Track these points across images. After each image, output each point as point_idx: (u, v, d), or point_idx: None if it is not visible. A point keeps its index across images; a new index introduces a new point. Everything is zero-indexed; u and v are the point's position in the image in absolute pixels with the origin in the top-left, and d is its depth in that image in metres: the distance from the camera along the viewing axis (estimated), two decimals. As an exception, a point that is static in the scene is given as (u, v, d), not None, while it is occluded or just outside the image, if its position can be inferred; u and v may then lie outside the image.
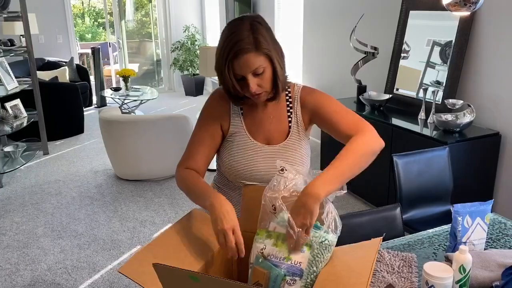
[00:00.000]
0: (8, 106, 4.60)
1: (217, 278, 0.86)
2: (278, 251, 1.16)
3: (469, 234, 1.52)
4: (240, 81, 1.33)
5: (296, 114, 1.47)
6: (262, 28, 1.31)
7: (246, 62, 1.28)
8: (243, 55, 1.27)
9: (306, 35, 5.10)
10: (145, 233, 3.30)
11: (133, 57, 8.80)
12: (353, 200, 3.73)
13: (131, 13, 8.78)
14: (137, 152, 4.09)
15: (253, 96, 1.36)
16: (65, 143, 5.48)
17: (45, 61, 6.83)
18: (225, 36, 1.30)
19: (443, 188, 2.53)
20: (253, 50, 1.28)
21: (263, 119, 1.47)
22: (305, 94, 1.48)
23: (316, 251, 1.15)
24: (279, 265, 1.14)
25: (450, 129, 2.90)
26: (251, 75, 1.31)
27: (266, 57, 1.30)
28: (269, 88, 1.36)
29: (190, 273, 0.88)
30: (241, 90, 1.36)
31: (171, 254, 1.18)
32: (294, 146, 1.47)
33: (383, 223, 1.82)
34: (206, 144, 1.44)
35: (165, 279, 0.95)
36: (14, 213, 3.65)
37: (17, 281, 2.75)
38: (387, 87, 3.75)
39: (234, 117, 1.47)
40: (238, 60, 1.28)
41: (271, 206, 1.19)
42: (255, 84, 1.32)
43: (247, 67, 1.29)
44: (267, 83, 1.34)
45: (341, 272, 1.12)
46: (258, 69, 1.30)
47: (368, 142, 1.31)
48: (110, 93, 6.29)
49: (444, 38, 3.26)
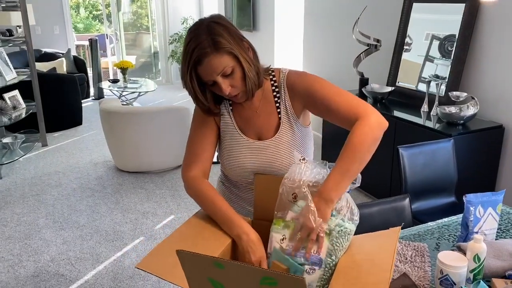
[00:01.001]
0: (6, 97, 4.55)
1: (242, 264, 0.86)
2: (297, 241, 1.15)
3: (481, 224, 1.52)
4: (213, 86, 1.28)
5: (285, 103, 1.39)
6: (219, 28, 1.23)
7: (210, 65, 1.22)
8: (205, 59, 1.21)
9: (307, 26, 5.09)
10: (147, 224, 3.29)
11: (130, 49, 8.74)
12: (355, 193, 3.74)
13: (128, 5, 8.71)
14: (138, 144, 4.07)
15: (230, 98, 1.32)
16: (63, 135, 5.44)
17: (42, 52, 6.76)
18: (185, 43, 1.25)
19: (448, 180, 2.54)
20: (214, 52, 1.21)
21: (251, 114, 1.41)
22: (292, 80, 1.38)
23: (335, 240, 1.15)
24: (298, 255, 1.14)
25: (454, 121, 2.91)
26: (220, 78, 1.25)
27: (231, 56, 1.23)
28: (243, 87, 1.29)
29: (215, 259, 0.88)
30: (218, 93, 1.31)
31: (189, 246, 1.17)
32: (287, 138, 1.39)
33: (393, 214, 1.83)
34: (206, 140, 1.40)
35: (188, 267, 0.94)
36: (15, 204, 3.63)
37: (20, 272, 2.73)
38: (389, 80, 3.75)
39: (223, 114, 1.42)
40: (201, 65, 1.23)
41: (291, 194, 1.19)
42: (228, 85, 1.26)
43: (213, 70, 1.23)
44: (240, 82, 1.28)
45: (362, 261, 1.12)
46: (225, 70, 1.23)
47: (371, 131, 1.22)
48: (108, 85, 6.24)
49: (443, 32, 3.26)
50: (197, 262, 0.91)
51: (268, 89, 1.41)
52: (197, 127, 1.42)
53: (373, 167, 3.45)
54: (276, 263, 1.17)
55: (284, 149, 1.38)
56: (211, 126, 1.42)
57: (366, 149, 1.21)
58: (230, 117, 1.42)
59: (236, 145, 1.40)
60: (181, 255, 0.92)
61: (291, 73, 1.41)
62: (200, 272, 0.92)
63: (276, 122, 1.39)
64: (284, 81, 1.39)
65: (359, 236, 1.23)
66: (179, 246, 1.16)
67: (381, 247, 1.15)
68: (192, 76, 1.25)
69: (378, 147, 1.27)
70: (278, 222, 1.21)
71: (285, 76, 1.40)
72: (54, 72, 6.02)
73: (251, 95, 1.33)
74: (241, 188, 1.47)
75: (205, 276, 0.91)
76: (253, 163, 1.39)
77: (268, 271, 0.83)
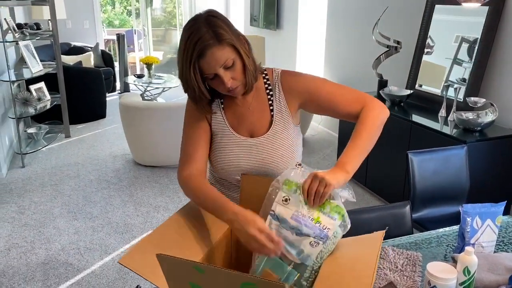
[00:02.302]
0: (32, 88, 4.70)
1: (222, 269, 0.84)
2: (307, 210, 1.15)
3: (478, 235, 1.47)
4: (213, 80, 1.28)
5: (279, 101, 1.40)
6: (218, 21, 1.24)
7: (213, 57, 1.22)
8: (207, 51, 1.21)
9: (329, 26, 5.03)
10: (158, 218, 3.33)
11: (158, 44, 8.86)
12: (368, 196, 3.68)
13: (159, 2, 8.83)
14: (155, 139, 4.12)
15: (229, 91, 1.30)
16: (86, 127, 5.57)
17: (71, 45, 6.94)
18: (185, 39, 1.24)
19: (459, 188, 2.46)
20: (216, 44, 1.22)
21: (244, 111, 1.41)
22: (288, 79, 1.40)
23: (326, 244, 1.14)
24: (307, 226, 1.13)
25: (471, 127, 2.82)
26: (222, 70, 1.25)
27: (231, 48, 1.24)
28: (244, 80, 1.30)
29: (194, 264, 0.87)
30: (217, 89, 1.31)
31: (172, 245, 1.17)
32: (279, 136, 1.39)
33: (391, 220, 1.78)
34: (201, 140, 1.39)
35: (168, 270, 0.93)
36: (34, 193, 3.74)
37: (32, 259, 2.82)
38: (408, 83, 3.67)
39: (215, 112, 1.42)
40: (204, 58, 1.22)
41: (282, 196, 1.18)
42: (229, 78, 1.26)
43: (216, 62, 1.23)
44: (240, 75, 1.29)
45: (345, 266, 1.11)
46: (227, 62, 1.24)
47: (378, 115, 1.32)
48: (133, 80, 6.35)
49: (471, 35, 3.16)
50: (177, 266, 0.90)
51: (261, 87, 1.42)
52: (190, 128, 1.42)
53: (386, 171, 3.41)
54: (268, 271, 1.16)
55: (277, 146, 1.39)
56: (203, 127, 1.41)
57: (377, 129, 1.30)
58: (222, 115, 1.42)
59: (228, 143, 1.40)
60: (161, 259, 0.91)
61: (286, 72, 1.43)
62: (180, 276, 0.91)
63: (269, 120, 1.41)
64: (278, 80, 1.41)
65: (343, 240, 1.21)
66: (162, 244, 1.16)
67: (364, 252, 1.13)
68: (195, 70, 1.25)
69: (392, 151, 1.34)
70: (290, 184, 1.18)
71: (278, 75, 1.42)
72: (80, 65, 6.17)
73: (250, 88, 1.34)
74: (231, 187, 1.46)
75: (186, 280, 0.90)
76: (245, 161, 1.38)
77: (248, 277, 0.82)
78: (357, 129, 1.29)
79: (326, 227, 1.14)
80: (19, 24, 4.81)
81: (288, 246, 1.13)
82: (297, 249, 1.13)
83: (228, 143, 1.40)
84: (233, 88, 1.29)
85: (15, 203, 3.55)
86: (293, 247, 1.13)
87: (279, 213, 1.16)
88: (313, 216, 1.14)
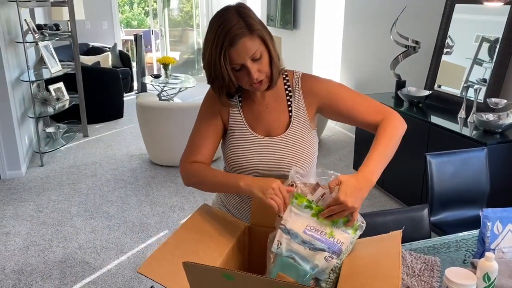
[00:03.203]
0: (51, 88, 4.76)
1: (252, 275, 0.82)
2: (319, 224, 1.14)
3: (498, 240, 1.43)
4: (239, 71, 1.27)
5: (298, 103, 1.39)
6: (250, 12, 1.25)
7: (244, 47, 1.22)
8: (239, 40, 1.21)
9: (346, 26, 4.99)
10: (173, 218, 3.35)
11: (175, 45, 8.91)
12: (385, 199, 3.63)
13: (176, 2, 8.88)
14: (172, 138, 4.14)
15: (254, 85, 1.29)
16: (104, 127, 5.63)
17: (90, 46, 7.03)
18: (215, 28, 1.23)
19: (479, 191, 2.41)
20: (248, 34, 1.21)
21: (262, 110, 1.39)
22: (308, 82, 1.40)
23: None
24: (321, 240, 1.12)
25: (491, 129, 2.75)
26: (250, 61, 1.24)
27: (260, 40, 1.25)
28: (269, 73, 1.29)
29: (223, 271, 0.85)
30: (240, 82, 1.29)
31: (189, 251, 1.16)
32: (296, 137, 1.38)
33: (409, 224, 1.75)
34: (209, 136, 1.39)
35: (194, 278, 0.91)
36: (52, 191, 3.79)
37: (49, 257, 2.85)
38: (427, 83, 3.61)
39: (233, 110, 1.40)
40: (235, 47, 1.21)
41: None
42: (256, 70, 1.25)
43: (246, 52, 1.22)
44: (267, 68, 1.28)
45: (367, 266, 1.08)
46: (256, 53, 1.24)
47: (399, 127, 1.33)
48: (150, 80, 6.40)
49: (493, 34, 3.09)
50: (204, 274, 0.88)
51: (280, 87, 1.41)
52: (202, 123, 1.41)
53: (404, 173, 3.36)
54: (282, 275, 1.14)
55: (293, 147, 1.37)
56: (216, 123, 1.40)
57: (397, 139, 1.31)
58: (240, 113, 1.41)
59: (245, 141, 1.39)
60: (187, 267, 0.89)
61: (307, 75, 1.43)
62: (208, 283, 0.89)
63: (287, 120, 1.39)
64: (299, 82, 1.40)
65: (361, 240, 1.19)
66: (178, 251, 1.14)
67: (385, 251, 1.11)
68: (226, 59, 1.23)
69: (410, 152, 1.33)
70: (301, 199, 1.16)
71: (299, 77, 1.42)
72: (98, 65, 6.24)
73: (274, 83, 1.33)
74: None
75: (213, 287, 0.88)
76: (260, 159, 1.37)
77: (279, 281, 0.81)
78: (378, 137, 1.29)
79: (340, 241, 1.12)
80: (39, 25, 4.89)
81: (300, 261, 1.11)
82: (311, 264, 1.11)
83: (244, 141, 1.39)
84: (258, 80, 1.28)
85: (34, 202, 3.60)
86: (307, 262, 1.11)
87: (291, 227, 1.14)
88: (326, 231, 1.13)
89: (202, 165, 1.36)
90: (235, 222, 1.33)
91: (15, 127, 4.00)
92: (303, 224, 1.14)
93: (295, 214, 1.15)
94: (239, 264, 1.29)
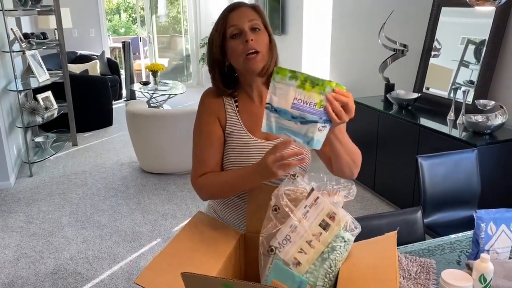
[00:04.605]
0: (39, 97, 4.72)
1: (252, 284, 0.81)
2: (307, 96, 1.07)
3: (492, 241, 1.44)
4: (235, 38, 1.28)
5: None
6: (259, 6, 1.35)
7: (244, 12, 1.29)
8: (241, 7, 1.30)
9: (334, 31, 5.02)
10: (166, 226, 3.32)
11: (164, 51, 8.89)
12: (377, 201, 3.65)
13: (163, 9, 8.87)
14: (162, 146, 4.12)
15: (248, 55, 1.28)
16: (93, 135, 5.59)
17: (78, 54, 6.98)
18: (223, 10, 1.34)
19: (470, 192, 2.43)
20: (251, 8, 1.31)
21: (259, 112, 1.35)
22: None
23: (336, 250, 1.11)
24: (311, 112, 1.07)
25: (480, 130, 2.79)
26: (248, 28, 1.28)
27: (262, 21, 1.31)
28: (265, 51, 1.30)
29: (223, 281, 0.84)
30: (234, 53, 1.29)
31: (186, 261, 1.14)
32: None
33: (403, 227, 1.76)
34: (213, 146, 1.37)
35: None
36: (42, 202, 3.74)
37: (40, 268, 2.81)
38: (416, 86, 3.65)
39: (230, 114, 1.39)
40: (236, 11, 1.29)
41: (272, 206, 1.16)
42: (253, 37, 1.27)
43: (245, 16, 1.29)
44: (263, 45, 1.30)
45: (365, 270, 1.08)
46: (255, 22, 1.29)
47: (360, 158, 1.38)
48: (139, 87, 6.37)
49: (479, 36, 3.13)
50: (204, 284, 0.87)
51: None
52: (203, 135, 1.39)
53: (395, 175, 3.38)
54: (277, 283, 1.13)
55: None
56: (216, 132, 1.38)
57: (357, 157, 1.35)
58: (237, 117, 1.39)
59: (244, 146, 1.37)
60: (186, 277, 0.88)
61: None
62: None
63: None
64: None
65: (356, 244, 1.19)
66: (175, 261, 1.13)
67: (382, 254, 1.11)
68: (225, 20, 1.29)
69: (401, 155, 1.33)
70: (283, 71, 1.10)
71: None
72: (86, 74, 6.20)
73: (268, 69, 1.33)
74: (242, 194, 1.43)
75: None
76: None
77: None
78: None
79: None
80: (25, 34, 4.84)
81: (293, 136, 1.09)
82: (304, 137, 1.08)
83: (243, 146, 1.37)
84: (253, 49, 1.27)
85: (24, 213, 3.55)
86: (300, 136, 1.08)
87: (278, 105, 1.09)
88: (315, 101, 1.07)
89: (209, 175, 1.35)
90: (231, 230, 1.32)
91: (3, 137, 3.95)
92: (290, 98, 1.08)
93: (279, 90, 1.10)
94: (236, 272, 1.28)
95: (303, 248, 1.12)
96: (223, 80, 1.37)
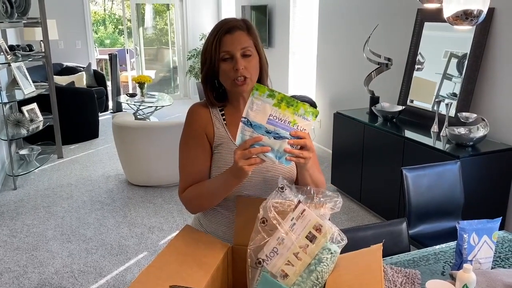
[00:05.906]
0: (24, 109, 4.68)
1: None
2: (282, 114, 1.17)
3: (475, 252, 1.47)
4: (226, 61, 1.32)
5: None
6: (251, 23, 1.37)
7: (238, 38, 1.31)
8: (236, 31, 1.31)
9: (320, 44, 5.09)
10: (152, 239, 3.30)
11: (151, 63, 8.90)
12: (363, 213, 3.68)
13: (150, 21, 8.89)
14: (149, 158, 4.11)
15: (237, 81, 1.31)
16: (79, 147, 5.54)
17: (64, 66, 6.95)
18: (216, 25, 1.36)
19: (454, 203, 2.47)
20: (245, 31, 1.32)
21: None
22: None
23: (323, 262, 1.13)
24: (285, 129, 1.16)
25: (463, 143, 2.84)
26: (239, 54, 1.30)
27: (254, 44, 1.34)
28: (254, 75, 1.34)
29: None
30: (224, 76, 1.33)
31: (174, 275, 1.15)
32: None
33: (388, 238, 1.78)
34: (199, 158, 1.39)
35: None
36: (26, 215, 3.69)
37: (24, 283, 2.77)
38: (400, 99, 3.71)
39: (217, 127, 1.40)
40: (230, 34, 1.31)
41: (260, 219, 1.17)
42: (243, 64, 1.30)
43: (238, 43, 1.30)
44: (253, 70, 1.33)
45: (351, 281, 1.10)
46: (247, 49, 1.31)
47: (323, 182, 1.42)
48: (125, 99, 6.35)
49: (461, 50, 3.21)
50: None
51: None
52: (190, 149, 1.40)
53: (381, 187, 3.42)
54: None
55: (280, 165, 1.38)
56: (203, 145, 1.39)
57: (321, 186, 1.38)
58: (225, 129, 1.41)
59: (230, 157, 1.37)
60: None
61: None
62: None
63: None
64: None
65: (342, 256, 1.21)
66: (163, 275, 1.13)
67: (367, 266, 1.13)
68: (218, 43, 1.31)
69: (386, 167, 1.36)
70: (262, 88, 1.18)
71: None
72: (72, 85, 6.17)
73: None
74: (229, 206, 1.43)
75: None
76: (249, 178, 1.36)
77: None
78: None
79: (303, 128, 1.18)
80: (11, 45, 4.82)
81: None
82: (276, 152, 1.16)
83: (231, 159, 1.38)
84: (242, 75, 1.31)
85: (7, 226, 3.50)
86: (272, 151, 1.16)
87: (253, 119, 1.17)
88: (289, 120, 1.17)
89: (192, 187, 1.37)
90: (218, 243, 1.33)
91: (-13, 150, 3.90)
92: (266, 114, 1.17)
93: (256, 106, 1.17)
94: (224, 285, 1.29)
95: (290, 260, 1.14)
96: (214, 93, 1.41)
